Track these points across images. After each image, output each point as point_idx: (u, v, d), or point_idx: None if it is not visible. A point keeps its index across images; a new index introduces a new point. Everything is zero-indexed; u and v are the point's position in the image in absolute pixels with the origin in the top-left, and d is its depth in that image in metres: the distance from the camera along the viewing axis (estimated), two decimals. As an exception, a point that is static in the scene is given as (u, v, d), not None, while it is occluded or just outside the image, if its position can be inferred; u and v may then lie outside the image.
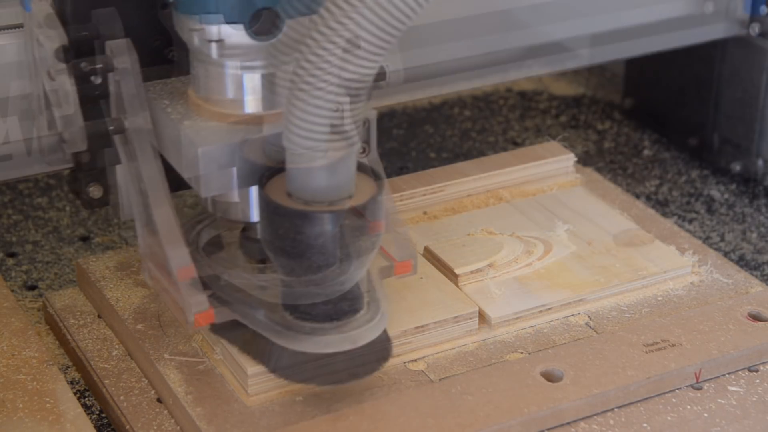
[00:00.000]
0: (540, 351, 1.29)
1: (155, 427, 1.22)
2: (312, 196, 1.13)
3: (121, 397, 1.25)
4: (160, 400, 1.25)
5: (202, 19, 1.15)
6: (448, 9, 1.49)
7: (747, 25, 1.67)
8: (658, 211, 1.64)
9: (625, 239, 1.45)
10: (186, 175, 1.20)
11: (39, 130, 1.28)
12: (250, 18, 1.15)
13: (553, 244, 1.43)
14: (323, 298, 1.17)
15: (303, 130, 1.11)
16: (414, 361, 1.28)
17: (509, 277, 1.38)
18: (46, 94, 1.23)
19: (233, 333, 1.24)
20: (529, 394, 1.22)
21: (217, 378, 1.25)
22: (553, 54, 1.58)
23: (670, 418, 1.22)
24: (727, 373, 1.28)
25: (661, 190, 1.73)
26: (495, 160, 1.57)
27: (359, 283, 1.19)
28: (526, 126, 1.90)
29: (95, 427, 1.24)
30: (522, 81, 1.98)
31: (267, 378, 1.22)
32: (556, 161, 1.56)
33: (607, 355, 1.27)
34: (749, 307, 1.35)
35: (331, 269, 1.15)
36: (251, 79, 1.19)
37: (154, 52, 1.26)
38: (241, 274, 1.26)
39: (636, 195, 1.70)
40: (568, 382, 1.23)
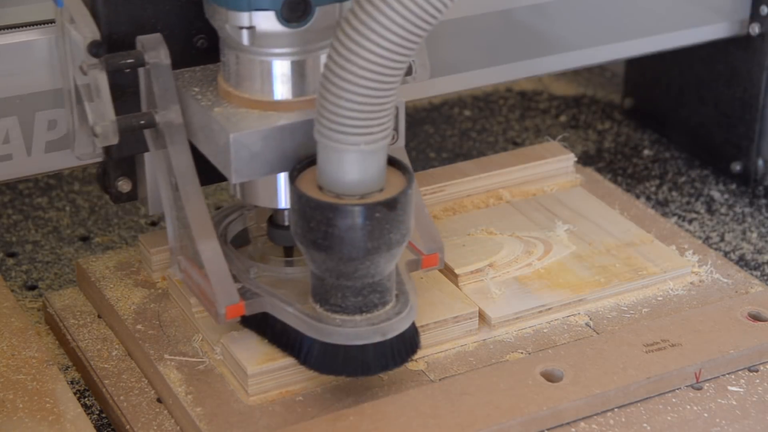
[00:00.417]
0: (540, 351, 1.29)
1: (155, 427, 1.22)
2: (343, 189, 1.14)
3: (121, 397, 1.25)
4: (160, 400, 1.25)
5: (233, 6, 1.16)
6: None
7: (747, 25, 1.67)
8: (658, 211, 1.64)
9: (625, 239, 1.45)
10: (217, 162, 1.21)
11: (69, 124, 1.29)
12: (282, 5, 1.16)
13: (553, 244, 1.43)
14: (353, 291, 1.18)
15: (335, 123, 1.12)
16: (414, 361, 1.28)
17: (509, 277, 1.38)
18: (77, 88, 1.24)
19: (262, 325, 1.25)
20: (529, 394, 1.22)
21: (217, 378, 1.25)
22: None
23: (670, 418, 1.22)
24: (727, 373, 1.28)
25: (661, 190, 1.73)
26: (495, 160, 1.57)
27: (388, 276, 1.20)
28: (526, 126, 1.90)
29: (95, 427, 1.24)
30: (522, 81, 1.98)
31: (267, 378, 1.22)
32: (556, 161, 1.56)
33: (607, 355, 1.27)
34: (749, 307, 1.35)
35: (361, 262, 1.16)
36: (282, 66, 1.20)
37: (184, 41, 1.28)
38: (269, 267, 1.28)
39: (636, 195, 1.70)
40: (568, 382, 1.23)
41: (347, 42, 1.08)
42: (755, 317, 1.33)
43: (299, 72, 1.21)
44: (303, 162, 1.19)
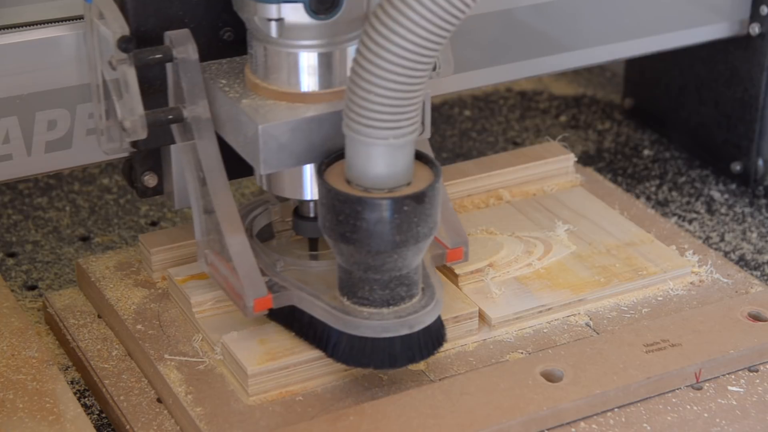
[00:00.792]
0: (540, 351, 1.29)
1: (155, 427, 1.22)
2: (371, 182, 1.15)
3: (121, 397, 1.25)
4: (160, 400, 1.25)
5: None
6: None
7: (747, 25, 1.67)
8: (658, 211, 1.64)
9: (625, 239, 1.45)
10: (244, 154, 1.22)
11: (97, 119, 1.29)
12: None
13: (553, 244, 1.43)
14: (381, 284, 1.19)
15: (364, 117, 1.12)
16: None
17: (509, 277, 1.38)
18: (106, 83, 1.25)
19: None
20: (529, 394, 1.22)
21: (217, 378, 1.25)
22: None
23: (670, 418, 1.22)
24: (727, 373, 1.28)
25: (661, 190, 1.73)
26: (495, 160, 1.57)
27: (415, 269, 1.21)
28: (526, 126, 1.90)
29: (95, 427, 1.24)
30: (522, 81, 1.98)
31: (267, 378, 1.23)
32: (556, 161, 1.56)
33: (607, 355, 1.27)
34: (749, 307, 1.35)
35: (389, 255, 1.16)
36: (309, 58, 1.21)
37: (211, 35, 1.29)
38: (295, 261, 1.29)
39: (636, 195, 1.70)
40: (568, 382, 1.23)
41: (377, 37, 1.08)
42: (755, 317, 1.33)
43: (326, 64, 1.22)
44: (331, 156, 1.20)
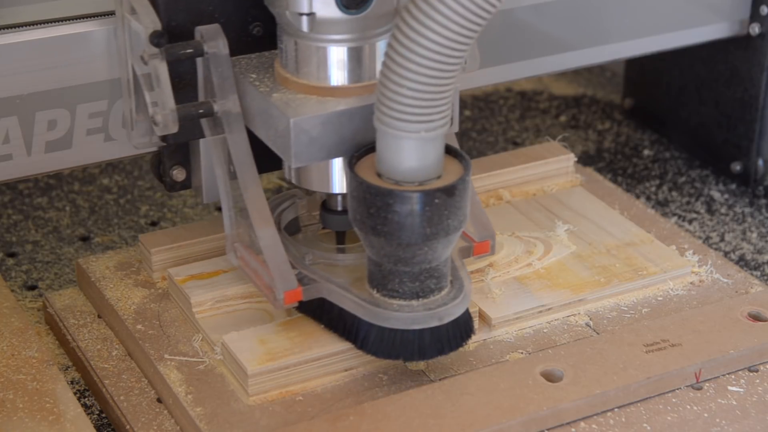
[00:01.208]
0: (540, 351, 1.29)
1: (155, 427, 1.22)
2: (402, 176, 1.16)
3: (121, 397, 1.25)
4: (160, 400, 1.25)
5: None
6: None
7: (747, 25, 1.67)
8: (658, 211, 1.64)
9: (625, 239, 1.45)
10: (275, 147, 1.23)
11: (128, 114, 1.30)
12: None
13: (553, 244, 1.43)
14: (411, 276, 1.19)
15: (395, 111, 1.13)
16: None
17: (509, 277, 1.38)
18: (137, 78, 1.26)
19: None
20: (529, 394, 1.22)
21: (217, 378, 1.25)
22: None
23: (670, 418, 1.22)
24: (727, 373, 1.28)
25: (661, 190, 1.73)
26: (495, 160, 1.57)
27: (445, 262, 1.21)
28: (526, 126, 1.90)
29: (95, 427, 1.24)
30: (522, 81, 1.98)
31: (267, 378, 1.23)
32: (556, 161, 1.56)
33: (607, 355, 1.27)
34: (749, 307, 1.35)
35: (419, 247, 1.17)
36: (340, 53, 1.22)
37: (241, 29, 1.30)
38: (324, 254, 1.30)
39: (636, 195, 1.70)
40: (568, 382, 1.23)
41: (409, 31, 1.09)
42: (755, 317, 1.33)
43: (357, 58, 1.22)
44: (361, 149, 1.21)
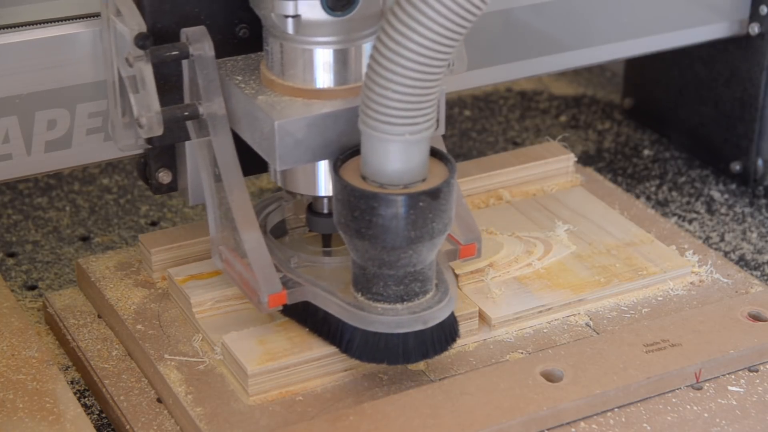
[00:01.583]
0: (540, 351, 1.29)
1: (155, 427, 1.22)
2: (387, 179, 1.16)
3: (121, 397, 1.25)
4: (160, 400, 1.25)
5: None
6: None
7: (747, 25, 1.67)
8: (658, 211, 1.64)
9: (625, 239, 1.45)
10: (260, 150, 1.23)
11: (113, 116, 1.30)
12: None
13: (553, 244, 1.43)
14: (395, 280, 1.19)
15: (380, 114, 1.12)
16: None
17: (509, 277, 1.38)
18: (122, 80, 1.25)
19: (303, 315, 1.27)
20: (529, 394, 1.22)
21: (217, 378, 1.25)
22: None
23: (670, 418, 1.22)
24: (727, 373, 1.28)
25: (661, 190, 1.73)
26: (495, 160, 1.57)
27: (430, 265, 1.21)
28: (526, 126, 1.90)
29: (95, 427, 1.24)
30: (522, 81, 1.98)
31: (267, 378, 1.22)
32: (556, 161, 1.56)
33: (607, 355, 1.27)
34: (749, 307, 1.35)
35: (404, 251, 1.17)
36: (325, 55, 1.22)
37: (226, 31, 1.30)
38: (309, 257, 1.29)
39: (636, 195, 1.70)
40: (568, 382, 1.23)
41: (394, 33, 1.09)
42: (755, 317, 1.33)
43: (342, 60, 1.22)
44: (346, 152, 1.20)
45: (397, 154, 1.15)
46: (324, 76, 1.22)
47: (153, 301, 1.36)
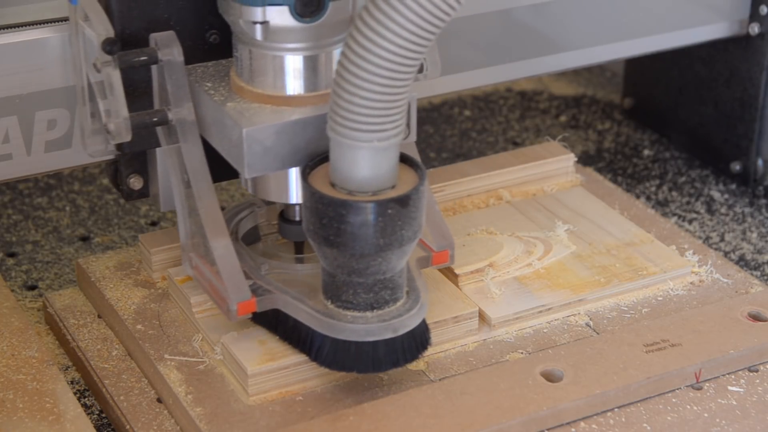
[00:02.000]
0: (540, 351, 1.29)
1: (155, 427, 1.22)
2: (356, 185, 1.15)
3: (121, 397, 1.25)
4: (160, 400, 1.25)
5: (247, 1, 1.17)
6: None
7: (747, 25, 1.67)
8: (658, 211, 1.64)
9: (625, 239, 1.45)
10: (229, 157, 1.22)
11: (82, 121, 1.29)
12: (295, 0, 1.16)
13: (553, 244, 1.43)
14: (365, 288, 1.18)
15: (348, 120, 1.12)
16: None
17: (509, 277, 1.38)
18: (90, 86, 1.25)
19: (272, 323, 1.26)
20: (529, 394, 1.22)
21: (217, 378, 1.25)
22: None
23: (670, 418, 1.22)
24: (727, 373, 1.28)
25: (661, 190, 1.73)
26: (495, 160, 1.57)
27: (400, 273, 1.20)
28: (526, 126, 1.90)
29: (95, 427, 1.24)
30: (522, 81, 1.98)
31: (267, 378, 1.22)
32: (556, 161, 1.56)
33: (607, 355, 1.27)
34: (749, 307, 1.35)
35: (373, 258, 1.16)
36: (295, 61, 1.21)
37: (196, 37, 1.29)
38: (280, 264, 1.28)
39: (636, 195, 1.70)
40: (568, 382, 1.23)
41: (362, 39, 1.08)
42: (755, 317, 1.33)
43: (312, 67, 1.21)
44: (315, 159, 1.19)
45: (365, 161, 1.14)
46: (293, 82, 1.21)
47: (153, 301, 1.36)
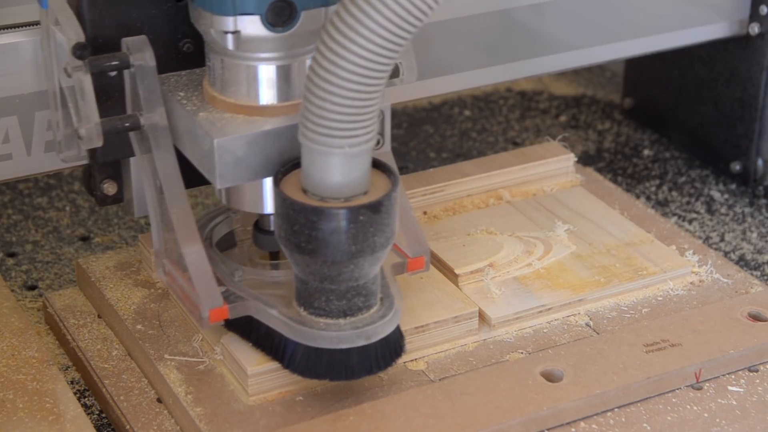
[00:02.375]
0: (540, 351, 1.29)
1: (155, 427, 1.22)
2: (327, 192, 1.14)
3: (121, 397, 1.25)
4: (160, 400, 1.25)
5: (218, 11, 1.16)
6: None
7: (747, 25, 1.67)
8: (658, 211, 1.64)
9: (625, 239, 1.45)
10: (201, 167, 1.21)
11: (54, 126, 1.28)
12: (267, 9, 1.15)
13: (553, 244, 1.43)
14: (337, 294, 1.17)
15: (319, 126, 1.11)
16: (414, 360, 1.28)
17: (509, 277, 1.38)
18: (62, 90, 1.24)
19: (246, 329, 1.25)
20: (529, 394, 1.22)
21: (217, 378, 1.25)
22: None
23: (670, 418, 1.22)
24: (727, 373, 1.28)
25: (661, 190, 1.73)
26: (495, 160, 1.57)
27: (373, 279, 1.19)
28: (526, 126, 1.90)
29: (95, 427, 1.24)
30: (522, 81, 1.98)
31: (267, 378, 1.22)
32: (556, 161, 1.56)
33: (607, 355, 1.27)
34: (749, 307, 1.35)
35: (345, 265, 1.15)
36: (267, 71, 1.20)
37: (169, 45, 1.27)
38: (254, 270, 1.27)
39: (636, 195, 1.70)
40: (568, 382, 1.23)
41: (332, 45, 1.08)
42: (755, 317, 1.33)
43: (284, 77, 1.20)
44: (287, 165, 1.18)
45: (337, 167, 1.13)
46: (265, 92, 1.20)
47: (153, 301, 1.36)
